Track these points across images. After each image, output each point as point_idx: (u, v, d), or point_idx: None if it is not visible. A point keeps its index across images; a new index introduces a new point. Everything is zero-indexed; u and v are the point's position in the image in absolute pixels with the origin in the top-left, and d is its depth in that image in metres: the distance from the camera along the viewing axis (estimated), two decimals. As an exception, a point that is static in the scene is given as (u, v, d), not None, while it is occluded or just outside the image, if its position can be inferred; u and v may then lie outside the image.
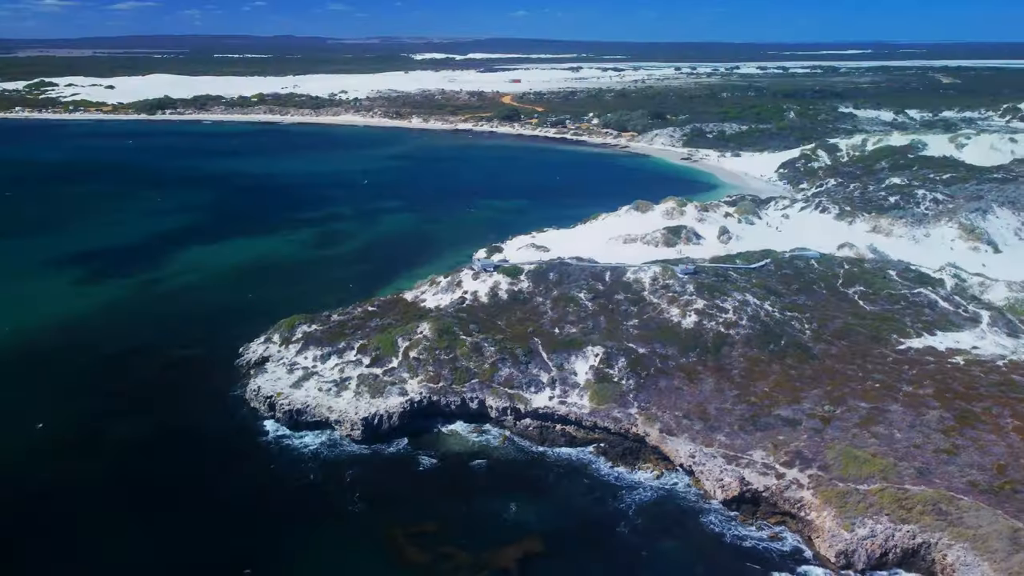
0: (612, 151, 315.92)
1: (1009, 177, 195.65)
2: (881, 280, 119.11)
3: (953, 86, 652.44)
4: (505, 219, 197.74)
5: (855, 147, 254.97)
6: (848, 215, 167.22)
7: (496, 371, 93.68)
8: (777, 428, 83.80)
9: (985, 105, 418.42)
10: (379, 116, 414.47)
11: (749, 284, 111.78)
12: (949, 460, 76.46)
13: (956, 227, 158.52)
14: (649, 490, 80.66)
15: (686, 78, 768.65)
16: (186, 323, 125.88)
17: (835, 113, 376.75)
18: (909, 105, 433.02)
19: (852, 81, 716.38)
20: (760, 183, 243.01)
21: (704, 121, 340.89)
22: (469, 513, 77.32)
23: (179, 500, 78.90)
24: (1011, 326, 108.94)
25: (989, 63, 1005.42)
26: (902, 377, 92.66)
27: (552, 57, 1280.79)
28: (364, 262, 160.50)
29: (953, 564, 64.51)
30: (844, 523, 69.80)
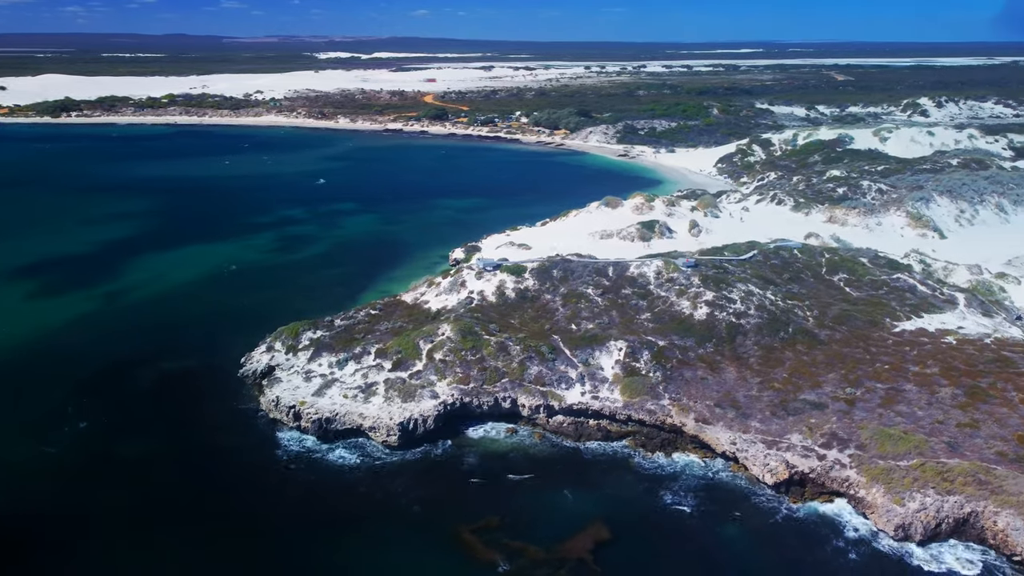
0: (550, 149, 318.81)
1: (937, 168, 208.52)
2: (862, 267, 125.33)
3: (847, 83, 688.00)
4: (466, 218, 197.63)
5: (786, 142, 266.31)
6: (804, 206, 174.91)
7: (525, 369, 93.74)
8: (807, 412, 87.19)
9: (887, 101, 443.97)
10: (303, 116, 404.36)
11: (748, 275, 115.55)
12: (973, 434, 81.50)
13: (904, 216, 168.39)
14: (695, 477, 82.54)
15: (598, 77, 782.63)
16: (168, 334, 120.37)
17: (754, 109, 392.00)
18: (817, 101, 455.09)
19: (755, 79, 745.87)
20: (701, 177, 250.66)
21: (633, 118, 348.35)
22: (527, 507, 77.30)
23: (223, 522, 75.62)
24: (984, 306, 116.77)
25: (872, 61, 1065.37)
26: (906, 358, 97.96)
27: (460, 56, 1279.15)
28: (334, 266, 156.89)
29: (1004, 529, 68.97)
30: (894, 498, 73.46)
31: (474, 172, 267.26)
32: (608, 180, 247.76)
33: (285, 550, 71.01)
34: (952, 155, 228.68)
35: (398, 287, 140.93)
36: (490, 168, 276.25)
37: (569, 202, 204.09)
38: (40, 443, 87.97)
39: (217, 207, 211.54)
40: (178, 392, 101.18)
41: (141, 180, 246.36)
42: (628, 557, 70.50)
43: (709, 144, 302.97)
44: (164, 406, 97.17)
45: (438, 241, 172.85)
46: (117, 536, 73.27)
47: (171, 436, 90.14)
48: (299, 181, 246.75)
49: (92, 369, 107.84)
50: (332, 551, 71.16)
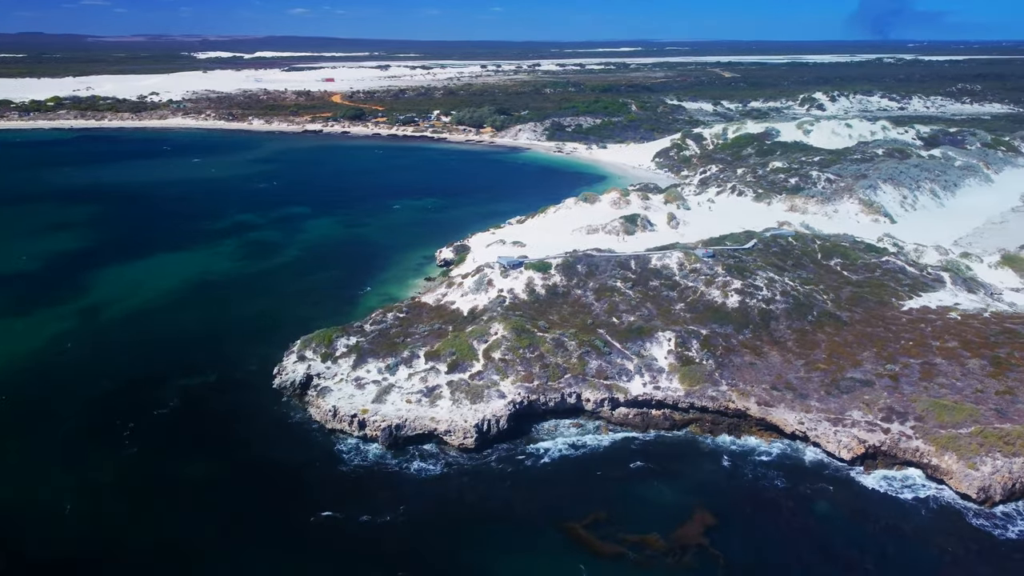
0: (483, 147, 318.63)
1: (866, 158, 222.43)
2: (853, 252, 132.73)
3: (735, 80, 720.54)
4: (429, 218, 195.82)
5: (718, 135, 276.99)
6: (764, 197, 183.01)
7: (585, 364, 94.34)
8: (858, 389, 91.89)
9: (784, 96, 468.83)
10: (213, 119, 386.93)
11: (762, 263, 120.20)
12: (1013, 400, 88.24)
13: (857, 202, 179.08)
14: (769, 457, 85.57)
15: (497, 75, 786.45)
16: (170, 349, 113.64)
17: (668, 106, 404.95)
18: (718, 97, 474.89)
19: (648, 76, 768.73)
20: (642, 172, 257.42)
21: (558, 116, 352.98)
22: (624, 500, 77.96)
23: (333, 540, 72.54)
24: (967, 284, 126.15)
25: (750, 59, 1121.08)
26: (925, 334, 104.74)
27: (350, 56, 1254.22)
28: (318, 271, 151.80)
29: (1075, 484, 75.26)
30: (968, 463, 78.70)
31: (418, 172, 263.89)
32: (556, 176, 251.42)
33: (410, 561, 68.93)
34: (876, 145, 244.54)
35: (396, 290, 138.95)
36: (432, 167, 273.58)
37: (529, 199, 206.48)
38: (90, 472, 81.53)
39: (163, 213, 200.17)
40: (214, 409, 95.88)
41: (69, 188, 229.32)
42: (741, 539, 72.34)
43: (637, 140, 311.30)
44: (206, 425, 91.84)
45: (412, 242, 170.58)
46: (219, 561, 69.14)
47: (229, 456, 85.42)
48: (240, 185, 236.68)
49: (105, 390, 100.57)
50: (457, 560, 69.63)
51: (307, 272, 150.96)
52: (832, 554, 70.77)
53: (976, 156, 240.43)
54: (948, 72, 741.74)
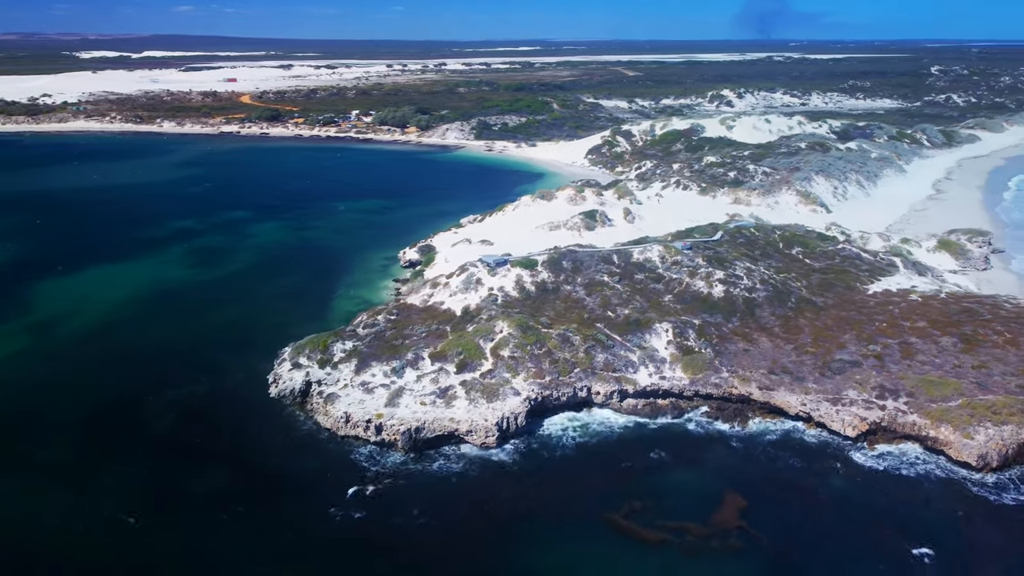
0: (412, 148, 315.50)
1: (792, 151, 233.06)
2: (812, 241, 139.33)
3: (639, 78, 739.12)
4: (379, 219, 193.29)
5: (646, 132, 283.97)
6: (709, 190, 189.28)
7: (592, 358, 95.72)
8: (848, 370, 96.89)
9: (694, 93, 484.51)
10: (119, 121, 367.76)
11: (737, 254, 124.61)
12: (989, 373, 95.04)
13: (795, 194, 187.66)
14: (778, 438, 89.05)
15: (406, 75, 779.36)
16: (145, 364, 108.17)
17: (587, 104, 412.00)
18: (629, 95, 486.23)
19: (556, 75, 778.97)
20: (577, 168, 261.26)
21: (483, 115, 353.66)
22: (655, 488, 79.67)
23: (366, 552, 71.16)
24: (917, 267, 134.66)
25: (648, 58, 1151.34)
26: (895, 315, 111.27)
27: (247, 55, 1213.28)
28: (278, 276, 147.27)
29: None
30: (964, 433, 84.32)
31: (353, 173, 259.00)
32: (494, 174, 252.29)
33: (456, 562, 68.45)
34: (797, 140, 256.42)
35: (367, 292, 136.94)
36: (367, 168, 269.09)
37: (474, 197, 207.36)
38: (100, 496, 77.01)
39: (94, 222, 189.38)
40: (214, 422, 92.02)
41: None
42: (773, 518, 75.18)
43: (563, 137, 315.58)
44: (211, 439, 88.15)
45: (367, 244, 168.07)
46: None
47: (244, 469, 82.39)
48: (170, 190, 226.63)
49: (89, 410, 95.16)
50: (505, 558, 69.61)
51: (267, 278, 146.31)
52: (856, 525, 74.43)
53: (887, 148, 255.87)
54: (835, 70, 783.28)
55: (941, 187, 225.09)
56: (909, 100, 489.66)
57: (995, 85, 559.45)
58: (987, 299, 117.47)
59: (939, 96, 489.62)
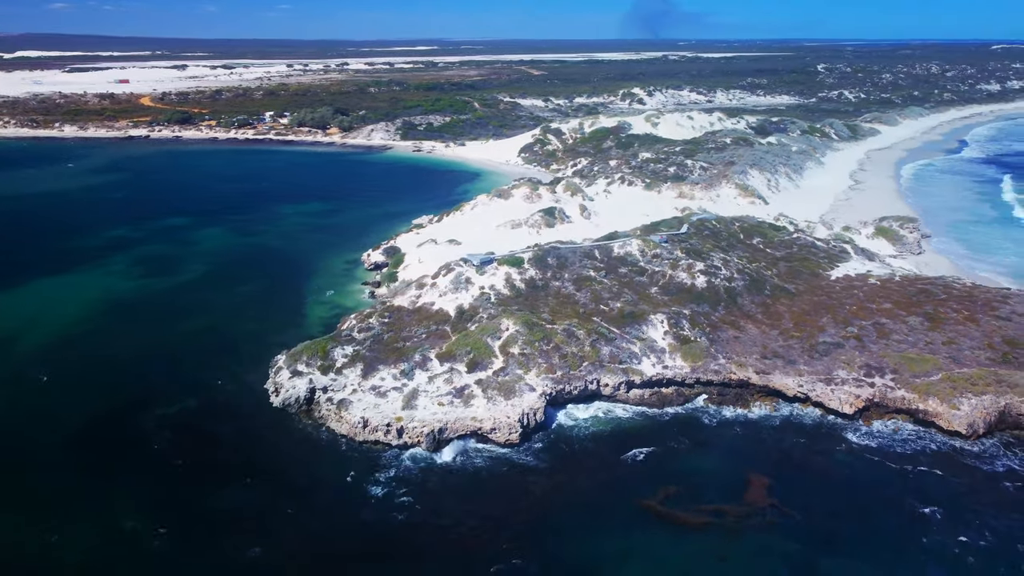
0: (338, 149, 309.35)
1: (720, 147, 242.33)
2: (769, 231, 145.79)
3: (544, 77, 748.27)
4: (327, 223, 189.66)
5: (575, 130, 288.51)
6: (653, 186, 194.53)
7: (599, 351, 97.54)
8: (833, 352, 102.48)
9: (606, 91, 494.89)
10: (14, 126, 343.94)
11: (709, 246, 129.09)
12: (959, 348, 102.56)
13: (734, 187, 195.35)
14: (782, 420, 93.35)
15: (309, 75, 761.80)
16: (121, 380, 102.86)
17: (506, 103, 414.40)
18: (547, 94, 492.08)
19: (462, 74, 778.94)
20: (512, 167, 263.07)
21: (405, 115, 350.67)
22: (683, 474, 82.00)
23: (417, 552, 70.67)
24: (866, 253, 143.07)
25: (550, 57, 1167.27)
26: (861, 299, 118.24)
27: (130, 55, 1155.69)
28: (238, 284, 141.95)
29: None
30: (950, 405, 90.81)
31: (286, 176, 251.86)
32: (431, 174, 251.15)
33: (505, 557, 68.86)
34: (722, 135, 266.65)
35: (340, 297, 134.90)
36: (299, 171, 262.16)
37: (418, 197, 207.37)
38: (117, 523, 73.19)
39: (20, 233, 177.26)
40: (219, 436, 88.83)
41: None
42: (799, 494, 78.78)
43: (489, 136, 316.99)
44: (223, 454, 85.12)
45: (322, 247, 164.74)
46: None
47: (269, 483, 79.84)
48: (92, 197, 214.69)
49: (77, 430, 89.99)
50: (552, 549, 70.47)
51: (227, 286, 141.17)
52: (870, 492, 79.18)
53: (803, 142, 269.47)
54: (729, 68, 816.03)
55: (858, 178, 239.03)
56: (805, 96, 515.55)
57: (879, 82, 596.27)
58: (937, 280, 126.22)
59: (831, 92, 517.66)
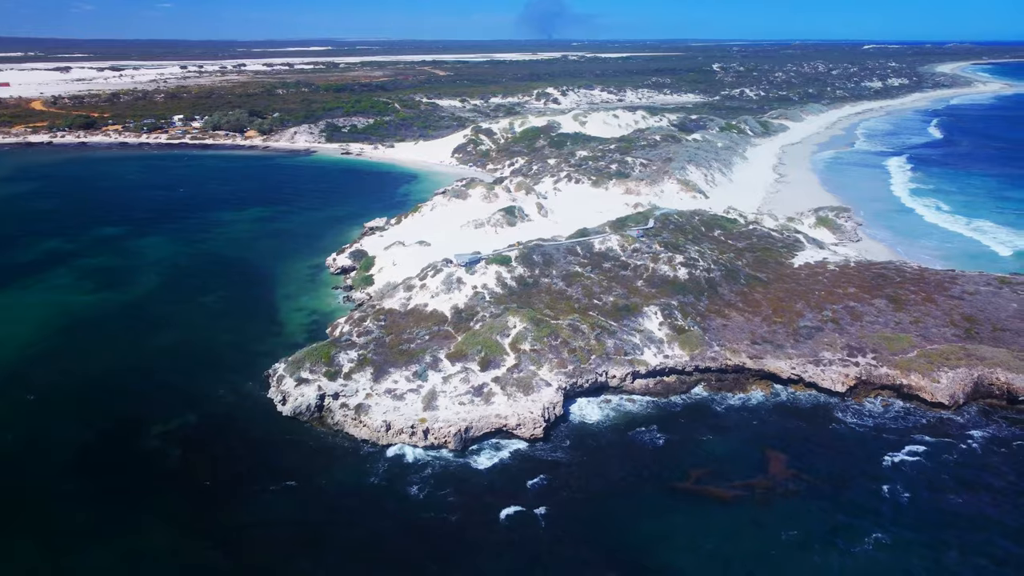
0: (260, 152, 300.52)
1: (652, 144, 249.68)
2: (728, 224, 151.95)
3: (451, 78, 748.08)
4: (274, 228, 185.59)
5: (506, 130, 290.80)
6: (600, 183, 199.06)
7: (604, 344, 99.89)
8: (816, 335, 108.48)
9: (520, 91, 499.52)
10: None
11: (681, 239, 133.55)
12: (926, 327, 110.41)
13: (676, 182, 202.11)
14: (780, 401, 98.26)
15: (205, 76, 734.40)
16: (107, 400, 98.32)
17: (426, 104, 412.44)
18: (462, 95, 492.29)
19: (368, 75, 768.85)
20: (448, 167, 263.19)
21: (327, 117, 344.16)
22: (708, 455, 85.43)
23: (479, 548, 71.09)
24: (816, 242, 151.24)
25: (452, 57, 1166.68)
26: (826, 284, 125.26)
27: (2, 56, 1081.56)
28: (200, 294, 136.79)
29: (1007, 381, 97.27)
30: (931, 379, 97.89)
31: (215, 181, 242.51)
32: (368, 177, 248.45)
33: (576, 548, 70.28)
34: (651, 133, 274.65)
35: (314, 302, 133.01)
36: (227, 176, 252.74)
37: (361, 200, 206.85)
38: (152, 548, 70.30)
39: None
40: (231, 450, 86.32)
41: None
42: (815, 465, 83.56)
43: (416, 137, 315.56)
44: (244, 468, 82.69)
45: (279, 254, 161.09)
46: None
47: (302, 495, 78.20)
48: (11, 208, 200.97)
49: (72, 457, 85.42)
50: (614, 535, 72.26)
51: (190, 296, 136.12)
52: (874, 460, 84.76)
53: (725, 139, 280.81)
54: (628, 67, 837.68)
55: (780, 171, 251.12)
56: (709, 95, 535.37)
57: (774, 80, 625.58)
58: (889, 265, 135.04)
59: (734, 91, 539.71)
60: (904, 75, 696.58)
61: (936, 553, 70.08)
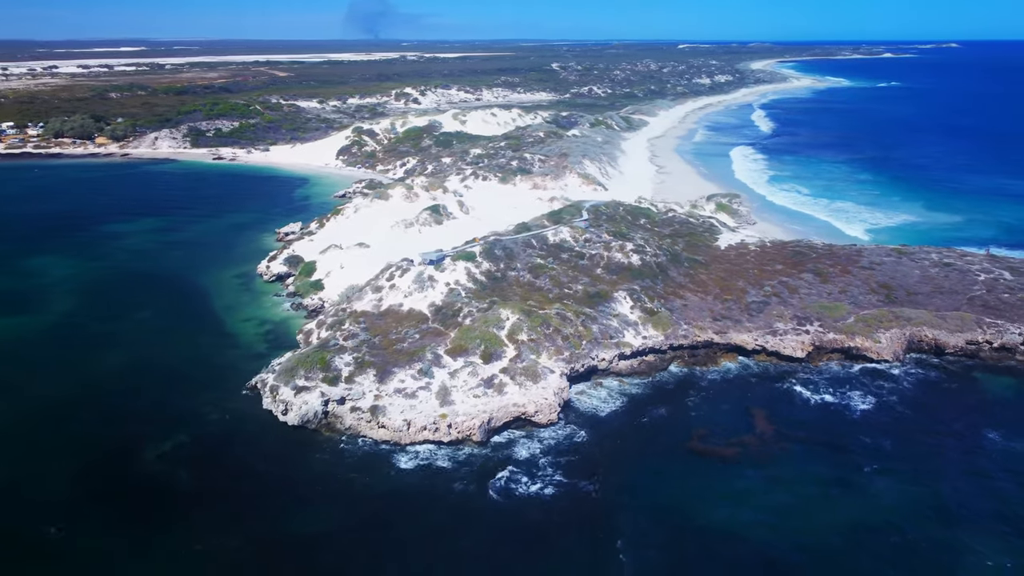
0: (119, 159, 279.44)
1: (539, 140, 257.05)
2: (649, 212, 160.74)
3: (300, 79, 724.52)
4: (176, 238, 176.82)
5: (387, 130, 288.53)
6: (507, 179, 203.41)
7: (591, 330, 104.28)
8: (765, 309, 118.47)
9: (378, 91, 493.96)
10: None
11: (622, 227, 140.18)
12: (853, 296, 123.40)
13: (576, 176, 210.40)
14: (750, 371, 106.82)
15: (11, 80, 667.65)
16: (78, 428, 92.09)
17: (287, 106, 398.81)
18: (318, 96, 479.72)
19: (203, 76, 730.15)
20: (336, 170, 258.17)
21: (188, 120, 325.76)
22: (701, 420, 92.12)
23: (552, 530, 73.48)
24: (726, 226, 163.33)
25: (286, 58, 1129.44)
26: (757, 263, 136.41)
27: None
28: (129, 312, 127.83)
29: (934, 337, 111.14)
30: (872, 340, 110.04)
31: (87, 193, 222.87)
32: (255, 182, 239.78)
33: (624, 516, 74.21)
34: (534, 130, 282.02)
35: (261, 312, 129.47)
36: (99, 186, 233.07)
37: (261, 207, 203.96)
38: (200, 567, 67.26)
39: None
40: (242, 466, 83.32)
41: None
42: (792, 422, 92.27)
43: (289, 140, 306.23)
44: (267, 484, 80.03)
45: (194, 265, 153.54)
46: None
47: (341, 506, 76.97)
48: None
49: (69, 482, 79.13)
50: (648, 495, 76.84)
51: (119, 314, 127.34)
52: (843, 410, 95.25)
53: (600, 134, 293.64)
54: (468, 67, 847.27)
55: (657, 163, 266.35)
56: (559, 92, 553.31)
57: (615, 78, 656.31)
58: (800, 243, 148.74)
59: (582, 88, 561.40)
60: (727, 72, 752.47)
61: (910, 475, 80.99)
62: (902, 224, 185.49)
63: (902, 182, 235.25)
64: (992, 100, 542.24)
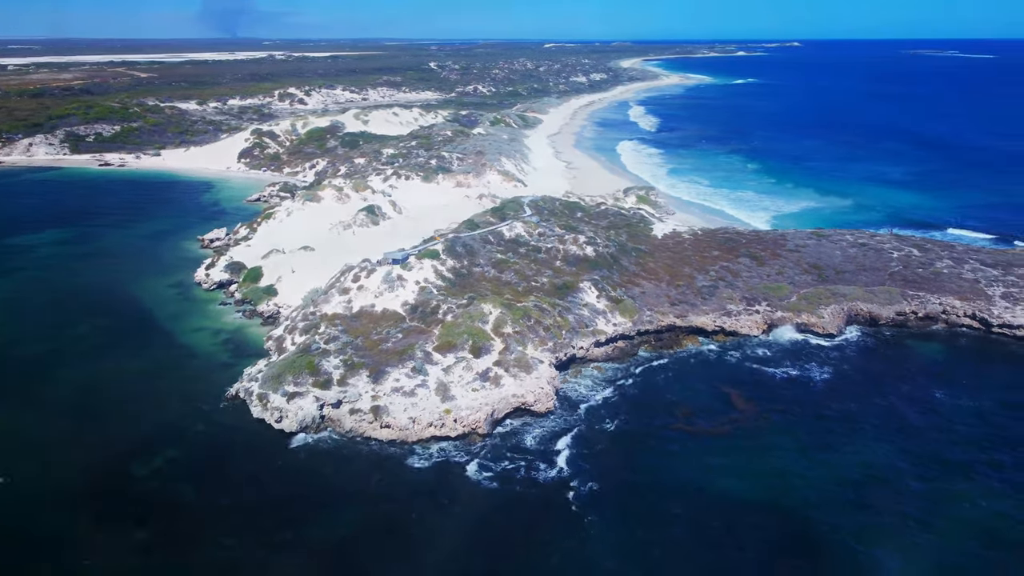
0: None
1: (448, 139, 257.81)
2: (581, 205, 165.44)
3: (158, 79, 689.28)
4: (89, 249, 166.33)
5: (288, 131, 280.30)
6: (429, 178, 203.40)
7: (568, 320, 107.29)
8: (715, 292, 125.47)
9: (261, 92, 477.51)
10: None
11: (570, 221, 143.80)
12: (789, 275, 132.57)
13: (497, 173, 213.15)
14: (715, 350, 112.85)
15: None
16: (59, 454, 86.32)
17: (168, 108, 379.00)
18: (195, 97, 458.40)
19: (57, 78, 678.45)
20: (239, 173, 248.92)
21: (60, 126, 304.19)
22: (679, 402, 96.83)
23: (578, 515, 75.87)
24: (655, 217, 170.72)
25: (144, 58, 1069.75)
26: (694, 249, 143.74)
27: None
28: (63, 329, 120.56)
29: (868, 311, 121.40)
30: (817, 316, 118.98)
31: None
32: (155, 188, 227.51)
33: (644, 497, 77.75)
34: (440, 129, 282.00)
35: (210, 323, 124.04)
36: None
37: (172, 213, 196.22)
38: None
39: None
40: (256, 477, 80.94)
41: None
42: (764, 398, 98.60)
43: (183, 144, 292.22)
44: (278, 493, 78.37)
45: (119, 277, 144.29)
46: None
47: (363, 512, 76.32)
48: None
49: (68, 506, 74.61)
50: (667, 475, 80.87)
51: (52, 333, 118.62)
52: (806, 381, 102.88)
53: (504, 132, 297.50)
54: (342, 66, 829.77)
55: (564, 159, 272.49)
56: (444, 92, 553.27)
57: (495, 77, 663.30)
58: (728, 230, 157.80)
59: (467, 87, 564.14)
60: (602, 71, 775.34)
61: (878, 433, 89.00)
62: (804, 210, 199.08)
63: (791, 172, 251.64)
64: (843, 95, 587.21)
